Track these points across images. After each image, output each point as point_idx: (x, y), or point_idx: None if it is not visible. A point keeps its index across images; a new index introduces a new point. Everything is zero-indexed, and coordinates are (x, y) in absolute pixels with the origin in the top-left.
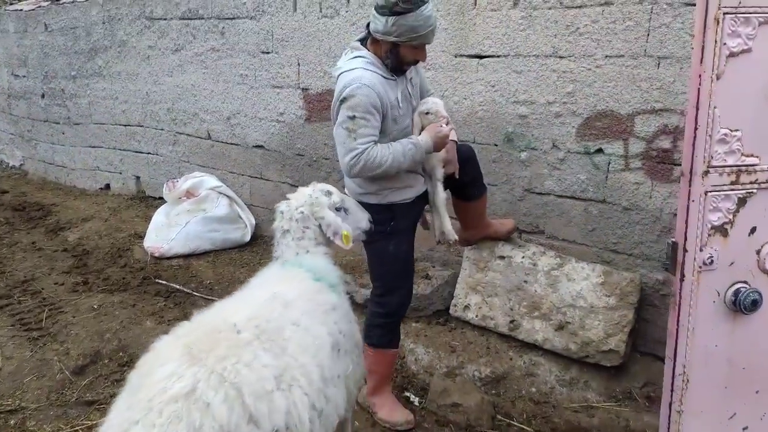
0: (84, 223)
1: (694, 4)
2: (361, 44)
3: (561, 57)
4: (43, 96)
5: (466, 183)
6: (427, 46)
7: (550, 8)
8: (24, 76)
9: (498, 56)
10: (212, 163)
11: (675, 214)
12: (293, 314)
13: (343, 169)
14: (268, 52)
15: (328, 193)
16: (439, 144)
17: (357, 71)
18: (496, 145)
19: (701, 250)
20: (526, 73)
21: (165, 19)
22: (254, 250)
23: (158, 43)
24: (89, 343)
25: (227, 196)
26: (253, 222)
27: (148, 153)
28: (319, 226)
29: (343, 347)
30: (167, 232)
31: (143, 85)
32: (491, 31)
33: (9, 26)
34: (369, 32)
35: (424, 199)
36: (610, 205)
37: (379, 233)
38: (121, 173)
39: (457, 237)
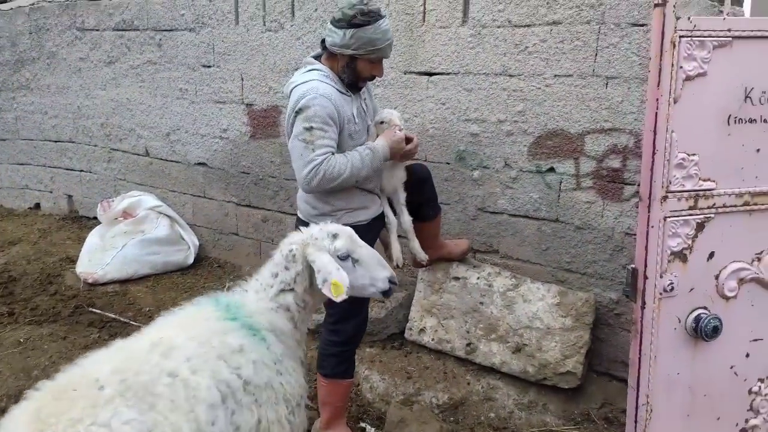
0: (10, 246)
1: (642, 25)
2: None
3: (511, 75)
4: None
5: (421, 203)
6: None
7: (499, 27)
8: None
9: (448, 74)
10: (151, 181)
11: (627, 234)
12: (172, 363)
13: (301, 183)
14: (209, 66)
15: (334, 237)
16: (395, 149)
17: (312, 83)
18: (448, 164)
19: (661, 276)
20: (477, 91)
21: (97, 30)
22: (198, 273)
23: (90, 54)
24: (14, 382)
25: (168, 216)
26: (197, 243)
27: (81, 170)
28: (312, 271)
29: (241, 397)
30: (102, 256)
31: (74, 98)
32: (441, 48)
33: None
34: (323, 48)
35: (380, 221)
36: (563, 224)
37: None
38: (51, 192)
39: (427, 257)
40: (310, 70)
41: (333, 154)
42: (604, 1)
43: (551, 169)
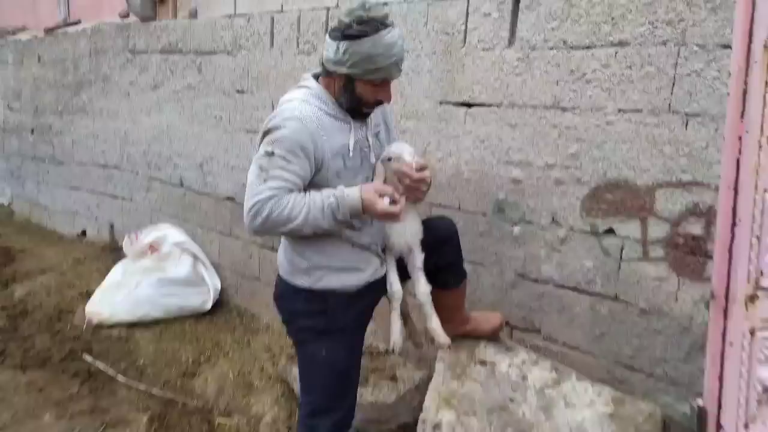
0: (39, 275)
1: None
2: (316, 79)
3: (564, 109)
4: (32, 131)
5: (441, 268)
6: (406, 90)
7: (551, 48)
8: (18, 110)
9: (489, 105)
10: (184, 214)
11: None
12: None
13: (244, 221)
14: (242, 92)
15: None
16: (369, 204)
17: (293, 102)
18: (484, 215)
19: (746, 428)
20: (522, 128)
21: (146, 53)
22: (213, 321)
23: (138, 78)
24: None
25: (192, 254)
26: (218, 286)
27: (123, 198)
28: None
29: None
30: (114, 295)
31: (122, 123)
32: (482, 74)
33: (8, 57)
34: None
35: (378, 289)
36: (624, 305)
37: (308, 330)
38: (96, 219)
39: (450, 341)
40: (298, 88)
41: (290, 191)
42: (685, 15)
43: (610, 231)
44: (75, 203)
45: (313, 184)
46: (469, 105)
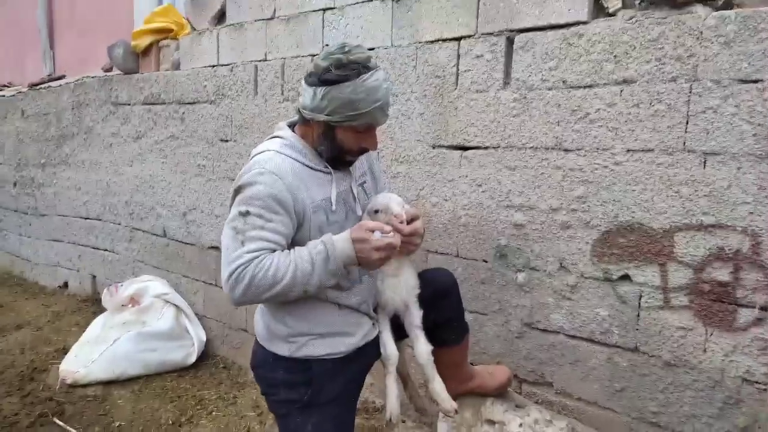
0: (15, 331)
1: (756, 81)
2: (291, 128)
3: (567, 150)
4: (15, 184)
5: (441, 324)
6: (397, 133)
7: (550, 89)
8: (1, 163)
9: (486, 147)
10: (167, 264)
11: (745, 380)
12: None
13: (225, 290)
14: (226, 140)
15: None
16: (362, 250)
17: (266, 154)
18: (485, 261)
19: None
20: (522, 170)
21: (129, 105)
22: (198, 375)
23: (121, 129)
24: None
25: (175, 306)
26: (203, 338)
27: (105, 250)
28: None
29: None
30: (90, 351)
31: (104, 175)
32: (477, 117)
33: None
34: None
35: (370, 352)
36: (645, 357)
37: (290, 403)
38: (78, 271)
39: (456, 406)
40: (271, 138)
41: (272, 251)
42: (695, 50)
43: (626, 278)
44: (57, 255)
45: (294, 242)
46: (464, 148)
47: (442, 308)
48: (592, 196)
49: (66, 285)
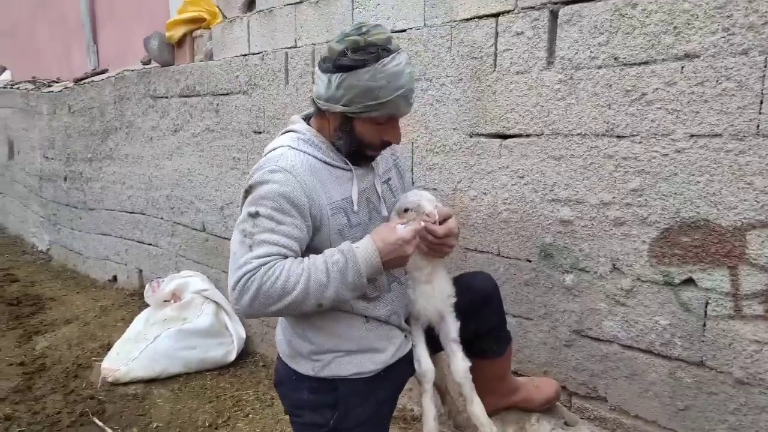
0: (64, 326)
1: None
2: (306, 121)
3: (620, 137)
4: (65, 179)
5: (482, 335)
6: (432, 122)
7: (599, 67)
8: (52, 158)
9: (528, 135)
10: (206, 259)
11: None
12: None
13: (231, 300)
14: (259, 132)
15: None
16: (390, 254)
17: (279, 150)
18: (528, 261)
19: None
20: (569, 160)
21: (166, 98)
22: (237, 374)
23: (160, 123)
24: None
25: (215, 302)
26: (243, 335)
27: (149, 244)
28: None
29: None
30: (131, 349)
31: (146, 169)
32: (517, 101)
33: (43, 108)
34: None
35: (403, 370)
36: (713, 373)
37: (316, 427)
38: (126, 265)
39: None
40: (284, 133)
41: (284, 258)
42: None
43: (689, 282)
44: (106, 249)
45: (311, 249)
46: (504, 136)
47: (483, 317)
48: (649, 188)
49: (115, 279)
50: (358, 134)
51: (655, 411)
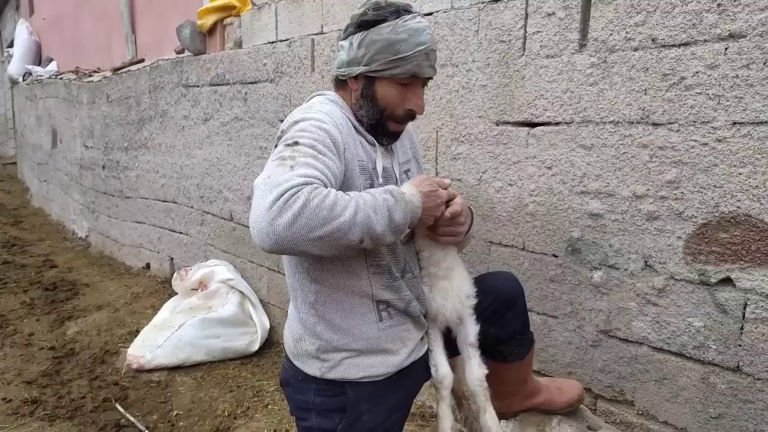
0: (96, 312)
1: None
2: None
3: (656, 124)
4: (103, 167)
5: (503, 339)
6: (457, 109)
7: (635, 49)
8: (91, 147)
9: (557, 123)
10: (234, 249)
11: None
12: None
13: (258, 225)
14: None
15: None
16: (429, 202)
17: (315, 101)
18: (555, 256)
19: None
20: (600, 149)
21: (197, 86)
22: (260, 364)
23: (192, 112)
24: None
25: (240, 292)
26: (267, 325)
27: (180, 233)
28: None
29: None
30: (156, 337)
31: (178, 158)
32: (547, 86)
33: (84, 98)
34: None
35: (418, 373)
36: (750, 380)
37: None
38: (158, 252)
39: None
40: (314, 97)
41: (325, 186)
42: None
43: (727, 281)
44: (140, 237)
45: None
46: (531, 124)
47: (507, 321)
48: (686, 180)
49: (148, 266)
50: (380, 100)
51: (686, 418)
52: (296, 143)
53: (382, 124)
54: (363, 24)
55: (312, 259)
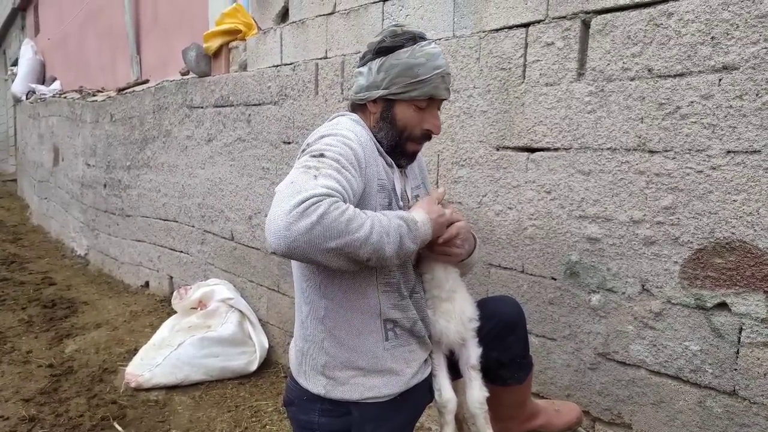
0: (94, 330)
1: None
2: None
3: (652, 152)
4: (105, 186)
5: (503, 363)
6: (458, 134)
7: (632, 79)
8: (93, 166)
9: (556, 149)
10: (234, 268)
11: None
12: None
13: (275, 228)
14: (289, 142)
15: None
16: (439, 233)
17: (342, 123)
18: (554, 279)
19: None
20: (598, 175)
21: (202, 108)
22: (258, 384)
23: (195, 132)
24: None
25: (239, 311)
26: (266, 345)
27: (180, 252)
28: None
29: None
30: (154, 355)
31: (181, 177)
32: (546, 113)
33: (87, 117)
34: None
35: (422, 396)
36: (746, 404)
37: None
38: (158, 271)
39: None
40: (337, 117)
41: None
42: None
43: (722, 306)
44: (139, 255)
45: None
46: (531, 150)
47: (508, 345)
48: (682, 206)
49: (147, 284)
50: (399, 122)
51: None
52: (322, 155)
53: (400, 145)
54: (381, 50)
55: (325, 274)
